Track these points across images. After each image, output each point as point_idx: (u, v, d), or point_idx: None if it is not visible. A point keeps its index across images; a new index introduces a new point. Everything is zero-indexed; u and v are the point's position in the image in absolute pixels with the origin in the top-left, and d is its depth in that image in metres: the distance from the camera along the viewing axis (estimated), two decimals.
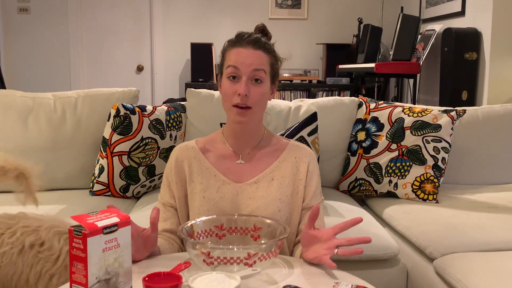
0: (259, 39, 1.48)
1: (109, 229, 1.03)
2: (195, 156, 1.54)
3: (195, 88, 2.54)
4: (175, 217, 1.53)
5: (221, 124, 2.36)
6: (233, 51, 1.47)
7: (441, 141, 2.32)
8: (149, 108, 2.35)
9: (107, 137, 2.27)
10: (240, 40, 1.48)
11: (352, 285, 1.15)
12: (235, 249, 1.19)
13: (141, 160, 2.27)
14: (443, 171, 2.32)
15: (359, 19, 4.97)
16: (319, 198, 1.54)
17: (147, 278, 1.13)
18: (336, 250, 1.27)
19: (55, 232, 1.35)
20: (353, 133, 2.50)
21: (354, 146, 2.47)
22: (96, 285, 1.01)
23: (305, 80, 5.12)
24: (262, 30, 1.54)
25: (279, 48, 1.55)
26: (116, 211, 1.09)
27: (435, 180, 2.29)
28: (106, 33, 5.37)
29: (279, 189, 1.49)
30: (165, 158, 2.34)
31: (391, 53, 4.24)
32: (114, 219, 1.05)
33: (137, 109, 2.30)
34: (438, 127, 2.33)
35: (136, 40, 5.41)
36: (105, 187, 2.27)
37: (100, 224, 1.02)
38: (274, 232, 1.34)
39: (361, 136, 2.46)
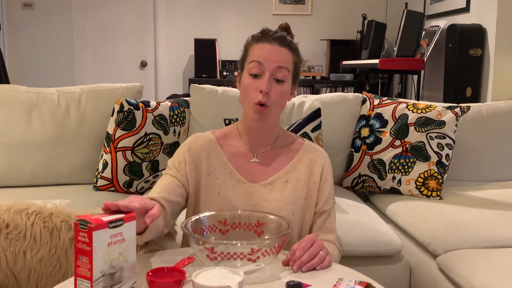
0: (285, 36, 1.45)
1: (115, 223, 1.03)
2: (214, 148, 1.51)
3: (198, 84, 2.54)
4: (179, 195, 1.45)
5: (224, 120, 2.36)
6: (257, 46, 1.44)
7: (445, 138, 2.32)
8: (152, 103, 2.35)
9: (111, 132, 2.27)
10: (265, 35, 1.44)
11: (355, 281, 1.15)
12: (239, 245, 1.19)
13: (145, 156, 2.28)
14: (447, 167, 2.32)
15: (363, 15, 4.96)
16: (331, 202, 1.52)
17: (150, 273, 1.13)
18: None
19: (15, 212, 1.39)
20: (357, 129, 2.50)
21: (358, 142, 2.47)
22: (101, 279, 1.01)
23: (309, 76, 5.11)
24: (286, 29, 1.51)
25: None
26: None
27: (439, 176, 2.29)
28: (110, 28, 5.37)
29: (293, 192, 1.48)
30: (169, 154, 2.34)
31: (395, 49, 4.23)
32: (120, 214, 1.05)
33: (140, 104, 2.30)
34: (442, 124, 2.32)
35: (140, 35, 5.41)
36: (109, 182, 2.28)
37: (106, 218, 1.02)
38: (278, 228, 1.34)
39: (365, 132, 2.45)
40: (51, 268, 1.38)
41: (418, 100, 3.99)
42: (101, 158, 2.31)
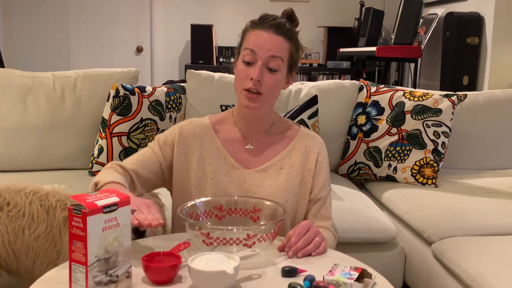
0: (282, 24, 1.42)
1: (109, 208, 1.02)
2: (208, 134, 1.51)
3: (195, 70, 2.52)
4: (152, 172, 1.46)
5: (221, 106, 2.35)
6: (253, 33, 1.42)
7: (441, 126, 2.32)
8: (148, 89, 2.34)
9: (106, 117, 2.26)
10: (262, 22, 1.42)
11: (350, 267, 1.15)
12: (235, 230, 1.19)
13: (141, 141, 2.27)
14: (442, 155, 2.32)
15: (361, 2, 4.92)
16: (327, 188, 1.52)
17: (146, 258, 1.13)
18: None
19: (14, 191, 1.44)
20: (354, 117, 2.49)
21: (354, 129, 2.46)
22: (96, 263, 1.01)
23: (306, 64, 5.09)
24: (290, 15, 1.48)
25: None
26: (115, 191, 1.09)
27: (435, 164, 2.29)
28: (106, 13, 5.32)
29: (287, 179, 1.47)
30: None
31: (393, 37, 4.22)
32: (114, 199, 1.05)
33: (136, 89, 2.29)
34: (438, 112, 2.32)
35: (136, 20, 5.36)
36: None
37: (100, 203, 1.02)
38: (273, 214, 1.34)
39: (361, 119, 2.45)
40: (47, 245, 1.42)
41: (415, 88, 3.98)
42: (97, 144, 2.30)
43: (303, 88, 2.52)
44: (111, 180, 1.34)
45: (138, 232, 1.33)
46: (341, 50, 4.84)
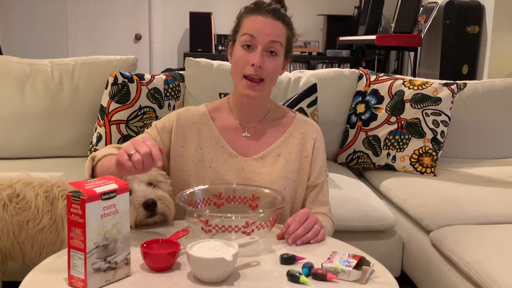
0: (279, 9, 1.42)
1: (108, 195, 1.02)
2: (206, 122, 1.50)
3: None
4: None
5: (220, 94, 2.34)
6: (250, 19, 1.40)
7: (440, 115, 2.31)
8: (147, 76, 2.33)
9: (105, 105, 2.25)
10: (259, 7, 1.41)
11: (349, 255, 1.15)
12: (233, 218, 1.19)
13: (139, 129, 2.26)
14: (441, 144, 2.32)
15: None
16: (324, 175, 1.52)
17: (145, 245, 1.13)
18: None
19: (25, 183, 1.44)
20: (353, 106, 2.49)
21: (353, 118, 2.46)
22: (94, 250, 1.01)
23: (305, 52, 5.07)
24: (280, 1, 1.47)
25: None
26: (114, 178, 1.08)
27: (434, 153, 2.29)
28: (104, 0, 5.28)
29: (285, 166, 1.47)
30: None
31: (393, 25, 4.20)
32: (113, 186, 1.04)
33: (135, 77, 2.27)
34: (438, 100, 2.32)
35: (134, 8, 5.33)
36: None
37: (99, 190, 1.01)
38: (272, 201, 1.34)
39: (361, 108, 2.44)
40: (51, 236, 1.43)
41: (414, 77, 3.97)
42: (95, 131, 2.29)
43: (302, 76, 2.51)
44: (109, 153, 1.31)
45: (150, 207, 1.30)
46: (341, 38, 4.82)
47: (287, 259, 1.15)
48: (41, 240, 1.43)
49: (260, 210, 1.36)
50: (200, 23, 4.86)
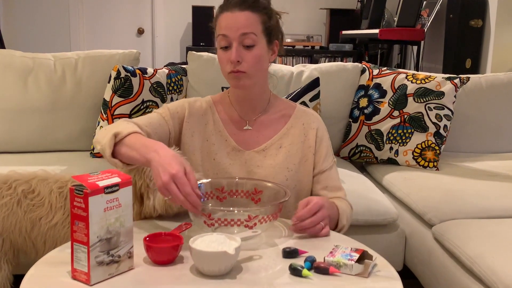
0: None
1: (111, 188, 1.03)
2: (212, 115, 1.52)
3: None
4: (161, 140, 1.39)
5: (222, 88, 2.34)
6: (221, 17, 1.41)
7: (443, 109, 2.31)
8: (150, 70, 2.33)
9: (107, 99, 2.25)
10: (227, 3, 1.41)
11: (351, 249, 1.15)
12: (236, 211, 1.19)
13: None
14: (444, 138, 2.32)
15: None
16: (331, 161, 1.52)
17: (148, 238, 1.14)
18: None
19: (41, 179, 1.44)
20: (355, 99, 2.48)
21: (356, 112, 2.45)
22: (98, 244, 1.01)
23: (308, 46, 5.06)
24: None
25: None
26: (117, 172, 1.09)
27: (436, 147, 2.29)
28: None
29: (287, 158, 1.48)
30: None
31: (396, 19, 4.19)
32: (116, 179, 1.05)
33: (137, 71, 2.27)
34: (441, 94, 2.31)
35: (137, 2, 5.32)
36: None
37: (102, 183, 1.02)
38: (275, 195, 1.34)
39: (363, 102, 2.44)
40: (63, 231, 1.42)
41: (417, 71, 3.96)
42: (98, 125, 2.29)
43: (305, 70, 2.51)
44: (133, 131, 1.29)
45: None
46: (344, 32, 4.80)
47: (290, 253, 1.15)
48: (54, 236, 1.43)
49: (263, 205, 1.36)
50: (203, 17, 4.85)
